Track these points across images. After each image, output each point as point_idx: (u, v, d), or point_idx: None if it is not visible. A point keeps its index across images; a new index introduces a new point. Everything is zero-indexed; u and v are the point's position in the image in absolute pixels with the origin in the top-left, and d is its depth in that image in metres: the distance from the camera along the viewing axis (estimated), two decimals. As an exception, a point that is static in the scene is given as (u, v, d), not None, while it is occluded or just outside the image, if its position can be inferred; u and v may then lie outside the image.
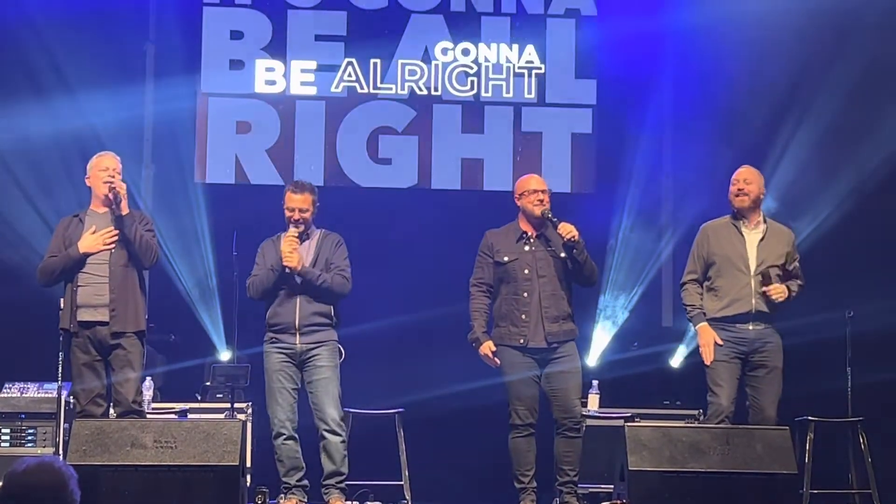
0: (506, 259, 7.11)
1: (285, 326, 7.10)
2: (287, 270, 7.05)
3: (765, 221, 7.10)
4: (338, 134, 10.08)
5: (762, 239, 7.03)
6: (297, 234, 7.10)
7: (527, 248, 7.14)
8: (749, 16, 9.50)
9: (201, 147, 9.99)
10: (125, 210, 6.78)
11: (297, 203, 7.15)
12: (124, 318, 6.71)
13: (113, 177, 6.81)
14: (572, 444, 7.03)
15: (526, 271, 7.09)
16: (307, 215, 7.17)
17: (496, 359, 7.09)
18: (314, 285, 7.10)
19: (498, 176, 10.01)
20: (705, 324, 6.99)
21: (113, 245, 6.76)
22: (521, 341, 7.01)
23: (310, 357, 7.10)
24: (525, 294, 7.05)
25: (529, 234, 7.18)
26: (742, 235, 7.05)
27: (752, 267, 6.97)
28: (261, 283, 7.16)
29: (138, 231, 6.77)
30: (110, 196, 6.77)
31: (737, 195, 7.04)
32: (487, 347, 7.08)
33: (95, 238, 6.75)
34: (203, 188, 9.84)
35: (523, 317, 7.03)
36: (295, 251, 7.06)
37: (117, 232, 6.76)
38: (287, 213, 7.16)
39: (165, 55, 9.95)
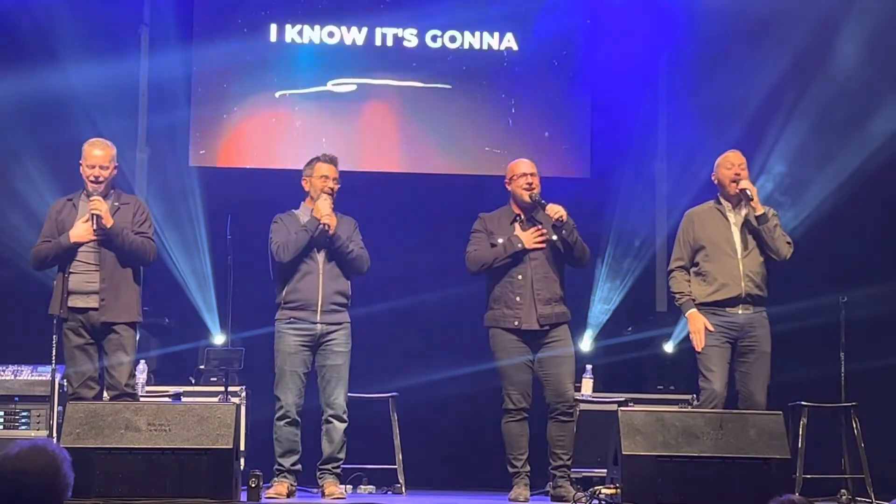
0: (500, 241, 7.13)
1: (306, 303, 7.08)
2: (325, 227, 7.06)
3: (751, 205, 7.10)
4: (331, 118, 10.09)
5: (745, 221, 7.05)
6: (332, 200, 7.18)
7: (519, 230, 7.16)
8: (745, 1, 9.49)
9: (196, 131, 9.98)
10: (108, 223, 6.68)
11: (333, 172, 7.25)
12: (114, 309, 6.68)
13: (99, 175, 6.74)
14: (565, 428, 7.05)
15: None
16: (337, 185, 7.24)
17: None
18: (343, 255, 7.12)
19: (491, 160, 9.99)
20: (695, 310, 7.01)
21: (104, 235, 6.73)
22: (516, 323, 7.03)
23: (327, 340, 7.10)
24: (519, 276, 7.07)
25: (521, 217, 7.20)
26: (727, 219, 7.08)
27: (739, 250, 6.99)
28: (294, 241, 7.09)
29: (126, 239, 6.70)
30: (88, 211, 6.71)
31: (734, 180, 7.04)
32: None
33: (87, 227, 6.71)
34: (197, 171, 9.81)
35: (517, 299, 7.04)
36: (333, 213, 7.11)
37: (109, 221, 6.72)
38: (321, 183, 7.20)
39: (160, 38, 9.92)
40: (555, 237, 7.12)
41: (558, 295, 7.14)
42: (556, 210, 7.05)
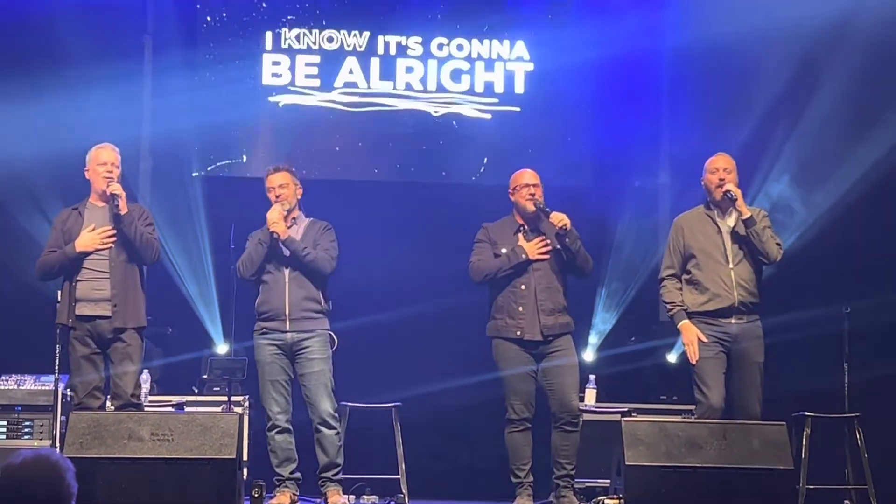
0: (503, 251, 7.13)
1: (275, 314, 7.11)
2: (274, 236, 7.07)
3: (736, 208, 7.01)
4: (334, 127, 10.10)
5: (736, 226, 6.95)
6: (283, 208, 7.16)
7: (522, 240, 7.15)
8: (748, 10, 9.48)
9: (200, 139, 10.00)
10: (124, 209, 6.76)
11: (277, 181, 7.27)
12: (124, 314, 6.72)
13: (111, 172, 6.81)
14: (570, 437, 7.04)
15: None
16: (287, 191, 7.24)
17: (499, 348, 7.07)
18: (300, 260, 7.11)
19: (495, 169, 10.01)
20: (687, 321, 6.90)
21: (111, 243, 6.75)
22: (518, 333, 7.02)
23: (301, 349, 7.11)
24: (523, 287, 7.07)
25: (525, 227, 7.19)
26: (717, 226, 6.98)
27: (730, 258, 6.90)
28: (249, 257, 7.20)
29: (138, 229, 6.76)
30: (108, 193, 6.78)
31: (717, 186, 6.96)
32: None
33: (92, 237, 6.74)
34: (201, 181, 9.83)
35: (520, 309, 7.04)
36: (281, 220, 7.09)
37: (115, 231, 6.76)
38: (269, 195, 7.26)
39: (163, 47, 9.94)
40: (558, 245, 7.11)
41: (562, 305, 7.13)
42: (559, 218, 7.04)
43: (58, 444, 7.14)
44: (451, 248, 8.31)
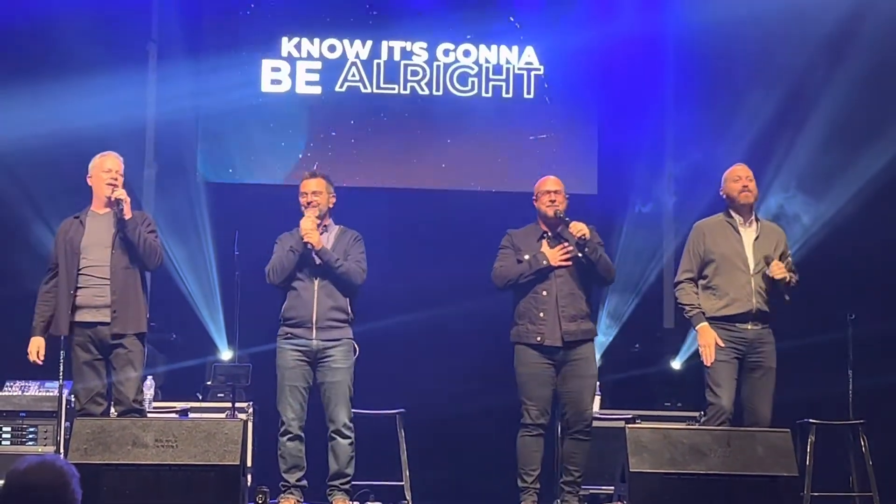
0: (526, 257, 7.13)
1: (301, 321, 7.09)
2: (308, 246, 7.05)
3: (757, 219, 7.08)
4: (343, 133, 10.11)
5: (757, 237, 6.99)
6: (316, 215, 7.13)
7: (545, 247, 7.16)
8: (751, 16, 9.49)
9: (204, 146, 10.01)
10: (128, 214, 6.77)
11: (311, 187, 7.21)
12: (125, 320, 6.71)
13: (116, 178, 6.82)
14: (582, 446, 7.01)
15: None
16: (320, 199, 7.19)
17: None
18: (332, 270, 7.09)
19: (508, 177, 10.02)
20: (706, 324, 6.92)
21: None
22: (538, 339, 7.01)
23: (325, 357, 7.09)
24: (544, 293, 7.06)
25: (548, 234, 7.20)
26: (739, 234, 7.01)
27: (751, 265, 6.92)
28: (280, 264, 7.13)
29: (141, 234, 6.77)
30: (112, 199, 6.78)
31: (742, 192, 7.00)
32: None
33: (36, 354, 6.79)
34: (205, 187, 9.84)
35: (541, 315, 7.03)
36: (315, 229, 7.07)
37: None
38: (302, 200, 7.21)
39: (168, 53, 9.96)
40: (579, 254, 7.10)
41: (584, 312, 7.11)
42: (578, 228, 7.03)
43: (62, 451, 7.15)
44: (455, 255, 8.33)
